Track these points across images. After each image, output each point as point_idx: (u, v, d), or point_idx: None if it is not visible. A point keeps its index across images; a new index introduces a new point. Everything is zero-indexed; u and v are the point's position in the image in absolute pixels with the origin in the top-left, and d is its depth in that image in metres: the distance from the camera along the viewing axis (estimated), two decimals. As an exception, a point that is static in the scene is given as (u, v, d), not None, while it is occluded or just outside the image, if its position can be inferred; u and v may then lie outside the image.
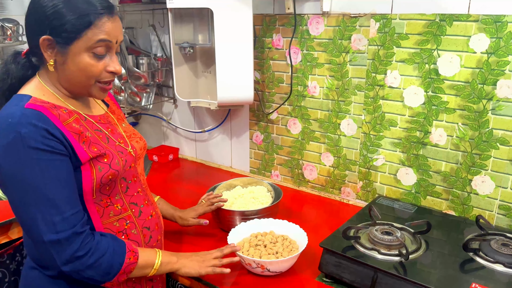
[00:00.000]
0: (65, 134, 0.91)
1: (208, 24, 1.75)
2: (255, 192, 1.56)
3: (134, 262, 0.99)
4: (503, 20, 1.24)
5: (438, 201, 1.49)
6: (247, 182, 1.63)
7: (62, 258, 0.90)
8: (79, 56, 0.92)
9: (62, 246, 0.89)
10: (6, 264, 1.50)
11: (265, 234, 1.32)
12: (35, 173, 0.87)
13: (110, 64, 0.96)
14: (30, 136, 0.86)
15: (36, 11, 0.91)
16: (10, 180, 0.89)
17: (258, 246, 1.26)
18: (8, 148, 0.87)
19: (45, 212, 0.88)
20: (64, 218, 0.89)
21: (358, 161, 1.64)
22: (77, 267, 0.92)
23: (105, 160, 0.97)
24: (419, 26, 1.38)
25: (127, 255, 0.97)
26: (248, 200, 1.51)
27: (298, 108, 1.74)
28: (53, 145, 0.89)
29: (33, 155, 0.87)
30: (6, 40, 2.02)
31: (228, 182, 1.61)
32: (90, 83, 0.96)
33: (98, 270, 0.94)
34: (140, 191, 1.09)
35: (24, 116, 0.87)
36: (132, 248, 0.99)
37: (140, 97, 2.09)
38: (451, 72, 1.36)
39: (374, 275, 1.10)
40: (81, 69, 0.93)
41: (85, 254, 0.91)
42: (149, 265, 1.03)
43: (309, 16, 1.60)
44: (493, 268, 1.09)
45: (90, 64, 0.93)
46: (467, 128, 1.37)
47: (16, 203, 0.90)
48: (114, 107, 1.17)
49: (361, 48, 1.52)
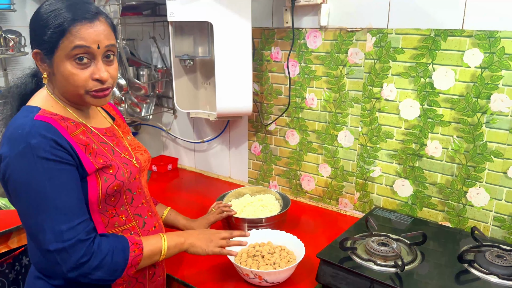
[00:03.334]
0: (72, 145, 0.94)
1: (208, 37, 1.78)
2: (263, 200, 1.59)
3: (140, 254, 0.99)
4: (496, 36, 1.27)
5: (434, 213, 1.51)
6: (256, 190, 1.66)
7: (68, 266, 0.91)
8: (62, 65, 0.93)
9: (67, 254, 0.90)
10: (5, 273, 1.50)
11: (262, 244, 1.33)
12: (45, 182, 0.89)
13: (95, 71, 0.94)
14: (39, 146, 0.89)
15: (30, 27, 0.96)
16: (20, 189, 0.90)
17: (256, 256, 1.27)
18: (19, 158, 0.89)
19: (53, 221, 0.90)
20: (72, 227, 0.91)
21: (355, 172, 1.66)
22: (83, 272, 0.93)
23: (110, 171, 0.99)
24: (414, 41, 1.41)
25: (131, 249, 0.98)
26: (257, 208, 1.53)
27: (296, 120, 1.76)
28: (61, 155, 0.91)
29: (43, 164, 0.89)
30: (8, 51, 2.04)
31: (237, 190, 1.65)
32: (79, 93, 0.96)
33: (105, 270, 0.95)
34: (145, 202, 1.11)
35: (34, 127, 0.90)
36: (135, 240, 1.00)
37: (140, 107, 2.11)
38: (446, 86, 1.39)
39: (371, 286, 1.11)
40: (66, 79, 0.94)
41: (89, 259, 0.92)
42: (156, 253, 1.04)
43: (307, 30, 1.63)
44: (488, 279, 1.11)
45: (72, 73, 0.93)
46: (462, 141, 1.40)
47: (25, 211, 0.92)
48: (119, 120, 1.19)
49: (357, 61, 1.54)
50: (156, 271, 1.13)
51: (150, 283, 1.11)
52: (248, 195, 1.64)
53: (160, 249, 1.04)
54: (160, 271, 1.15)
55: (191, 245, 1.11)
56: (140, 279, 1.08)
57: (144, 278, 1.09)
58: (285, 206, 1.54)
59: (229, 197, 1.61)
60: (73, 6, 0.93)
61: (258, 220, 1.44)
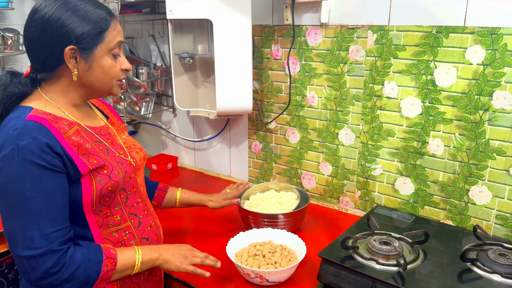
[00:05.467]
0: (64, 147, 0.92)
1: (208, 35, 1.77)
2: (283, 197, 1.59)
3: (112, 269, 0.97)
4: (498, 33, 1.26)
5: (436, 211, 1.50)
6: (283, 187, 1.67)
7: (36, 274, 0.89)
8: (103, 59, 0.97)
9: (37, 262, 0.88)
10: (4, 273, 1.50)
11: (263, 244, 1.33)
12: (25, 187, 0.87)
13: (124, 63, 1.02)
14: (27, 148, 0.87)
15: (49, 25, 0.92)
16: (1, 190, 0.89)
17: (257, 256, 1.26)
18: (5, 160, 0.88)
19: (25, 227, 0.88)
20: (43, 235, 0.89)
21: (356, 170, 1.65)
22: (52, 283, 0.91)
23: (104, 171, 0.98)
24: (416, 38, 1.40)
25: (104, 263, 0.95)
26: (273, 204, 1.54)
27: (297, 118, 1.75)
28: (49, 160, 0.89)
29: (26, 167, 0.87)
30: (6, 49, 2.03)
31: (264, 185, 1.68)
32: (112, 84, 1.01)
33: (75, 282, 0.93)
34: (140, 201, 1.10)
35: (25, 128, 0.88)
36: (109, 254, 0.97)
37: (139, 106, 2.10)
38: (447, 83, 1.38)
39: (373, 285, 1.10)
40: (105, 71, 0.98)
41: (59, 270, 0.90)
42: (129, 267, 1.01)
43: (307, 27, 1.62)
44: (491, 278, 1.10)
45: (113, 65, 0.99)
46: (464, 139, 1.39)
47: (3, 213, 0.91)
48: (113, 118, 1.17)
49: (358, 59, 1.53)
50: (152, 271, 1.12)
51: (146, 283, 1.10)
52: (273, 190, 1.65)
53: (134, 264, 1.01)
54: (157, 271, 1.14)
55: (164, 261, 1.06)
56: (135, 280, 1.07)
57: (140, 279, 1.08)
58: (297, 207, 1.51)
59: (256, 188, 1.66)
60: (96, 3, 0.97)
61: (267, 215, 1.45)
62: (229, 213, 1.64)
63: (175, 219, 1.63)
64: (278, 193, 1.63)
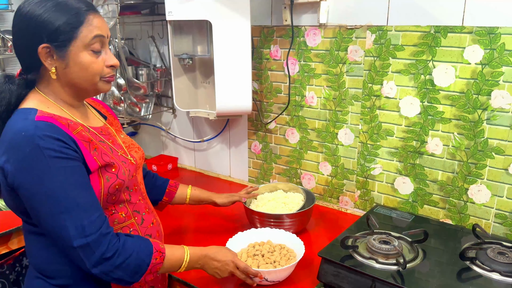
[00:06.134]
0: (77, 142, 0.93)
1: (207, 36, 1.77)
2: (289, 198, 1.59)
3: (160, 263, 1.00)
4: (496, 32, 1.26)
5: (435, 210, 1.51)
6: (291, 188, 1.66)
7: (92, 261, 0.91)
8: (79, 55, 0.94)
9: (91, 249, 0.90)
10: (5, 274, 1.50)
11: (262, 243, 1.33)
12: (62, 181, 0.89)
13: (108, 59, 0.98)
14: (48, 147, 0.88)
15: (25, 25, 0.92)
16: (35, 191, 0.89)
17: (256, 256, 1.27)
18: (27, 161, 0.88)
19: (75, 217, 0.89)
20: (92, 221, 0.91)
21: (356, 170, 1.65)
22: (106, 268, 0.92)
23: (113, 170, 0.99)
24: (414, 38, 1.41)
25: (153, 256, 0.98)
26: (278, 205, 1.54)
27: (296, 118, 1.76)
28: (70, 153, 0.91)
29: (55, 164, 0.88)
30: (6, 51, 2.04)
31: (273, 185, 1.68)
32: (95, 81, 0.97)
33: (126, 271, 0.94)
34: (141, 199, 1.11)
35: (38, 129, 0.89)
36: (159, 248, 1.00)
37: (139, 107, 2.11)
38: (446, 83, 1.38)
39: (372, 284, 1.11)
40: (84, 68, 0.95)
41: (112, 255, 0.92)
42: (175, 266, 1.05)
43: (306, 28, 1.63)
44: (490, 276, 1.10)
45: (92, 61, 0.95)
46: (462, 138, 1.39)
47: (43, 212, 0.91)
48: (111, 118, 1.18)
49: (357, 59, 1.54)
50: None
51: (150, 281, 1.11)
52: (282, 191, 1.65)
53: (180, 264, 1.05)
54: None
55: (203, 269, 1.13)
56: None
57: None
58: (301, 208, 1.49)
59: (265, 187, 1.66)
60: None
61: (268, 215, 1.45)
62: (230, 212, 1.64)
63: (177, 217, 1.64)
64: (286, 194, 1.63)
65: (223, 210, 1.60)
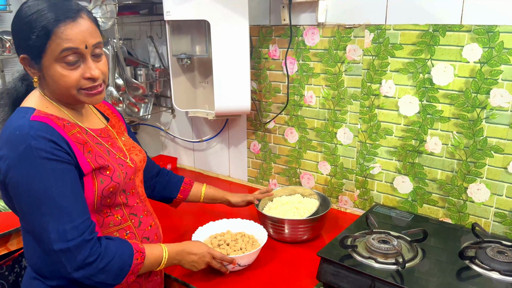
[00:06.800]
0: (70, 144, 0.93)
1: (205, 36, 1.77)
2: (303, 203, 1.55)
3: (141, 263, 1.00)
4: (495, 30, 1.26)
5: (434, 209, 1.50)
6: (309, 193, 1.62)
7: (73, 265, 0.91)
8: (51, 69, 0.91)
9: (72, 254, 0.90)
10: (5, 275, 1.50)
11: (223, 234, 1.39)
12: (49, 183, 0.89)
13: (86, 70, 0.93)
14: (40, 147, 0.88)
15: (13, 31, 0.94)
16: (22, 189, 0.89)
17: (221, 245, 1.32)
18: (20, 160, 0.88)
19: (57, 221, 0.89)
20: (75, 226, 0.90)
21: (355, 169, 1.65)
22: (88, 272, 0.92)
23: (107, 172, 0.98)
24: (413, 37, 1.40)
25: (134, 256, 0.98)
26: (290, 210, 1.51)
27: (295, 118, 1.75)
28: (62, 155, 0.91)
29: (46, 165, 0.88)
30: (5, 52, 2.03)
31: (291, 188, 1.66)
32: (72, 93, 0.94)
33: (109, 274, 0.94)
34: (139, 202, 1.10)
35: (32, 129, 0.89)
36: (139, 248, 1.01)
37: (138, 107, 2.11)
38: (445, 82, 1.38)
39: (372, 283, 1.11)
40: (56, 81, 0.93)
41: (95, 259, 0.92)
42: (155, 264, 1.05)
43: (305, 27, 1.62)
44: (489, 275, 1.10)
45: (63, 75, 0.91)
46: (461, 137, 1.39)
47: (27, 212, 0.91)
48: (114, 120, 1.17)
49: (356, 58, 1.54)
50: (153, 271, 1.12)
51: (147, 282, 1.11)
52: (300, 195, 1.62)
53: (160, 262, 1.06)
54: (157, 271, 1.14)
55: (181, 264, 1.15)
56: (137, 279, 1.07)
57: (141, 277, 1.09)
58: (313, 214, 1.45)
59: (284, 189, 1.64)
60: (53, 6, 0.90)
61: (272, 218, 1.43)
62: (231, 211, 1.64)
63: (177, 217, 1.64)
64: (303, 198, 1.60)
65: (223, 210, 1.60)
